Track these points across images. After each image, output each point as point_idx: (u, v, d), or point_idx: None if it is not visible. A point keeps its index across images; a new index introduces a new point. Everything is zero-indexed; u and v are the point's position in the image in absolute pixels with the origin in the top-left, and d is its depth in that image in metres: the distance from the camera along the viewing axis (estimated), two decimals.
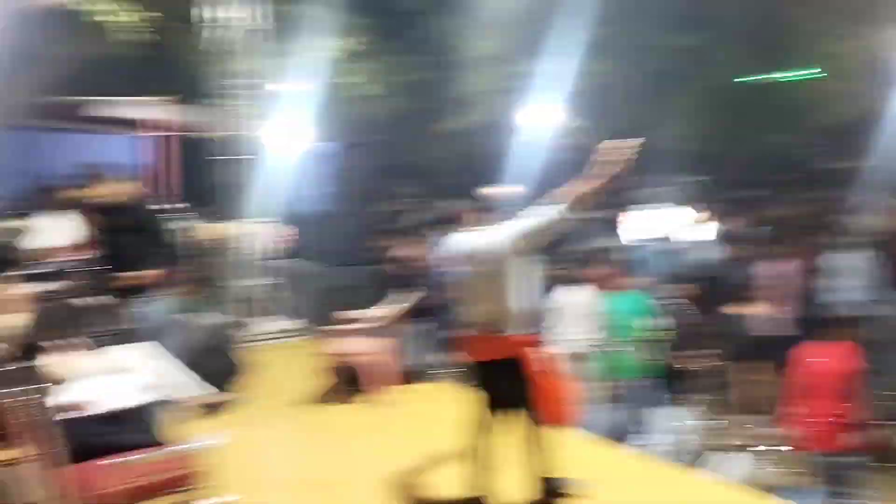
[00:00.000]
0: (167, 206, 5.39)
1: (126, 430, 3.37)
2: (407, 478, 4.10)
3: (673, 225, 8.09)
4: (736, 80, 11.91)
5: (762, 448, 5.25)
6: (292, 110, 8.87)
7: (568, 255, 6.15)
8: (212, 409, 4.97)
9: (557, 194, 3.46)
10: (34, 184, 12.00)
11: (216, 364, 5.52)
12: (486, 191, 3.82)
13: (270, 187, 7.80)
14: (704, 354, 5.82)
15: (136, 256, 5.15)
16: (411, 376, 5.93)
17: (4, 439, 3.39)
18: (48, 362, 3.88)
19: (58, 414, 3.45)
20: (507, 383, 3.54)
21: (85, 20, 8.46)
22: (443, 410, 5.40)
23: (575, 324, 5.48)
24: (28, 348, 3.88)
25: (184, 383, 4.82)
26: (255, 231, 7.71)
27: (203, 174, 9.72)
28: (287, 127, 8.61)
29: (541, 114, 11.03)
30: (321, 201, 8.49)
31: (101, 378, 4.26)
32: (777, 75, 11.96)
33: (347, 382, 5.71)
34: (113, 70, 9.84)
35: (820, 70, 11.44)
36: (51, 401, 3.52)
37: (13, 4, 8.40)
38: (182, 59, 9.62)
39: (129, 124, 11.39)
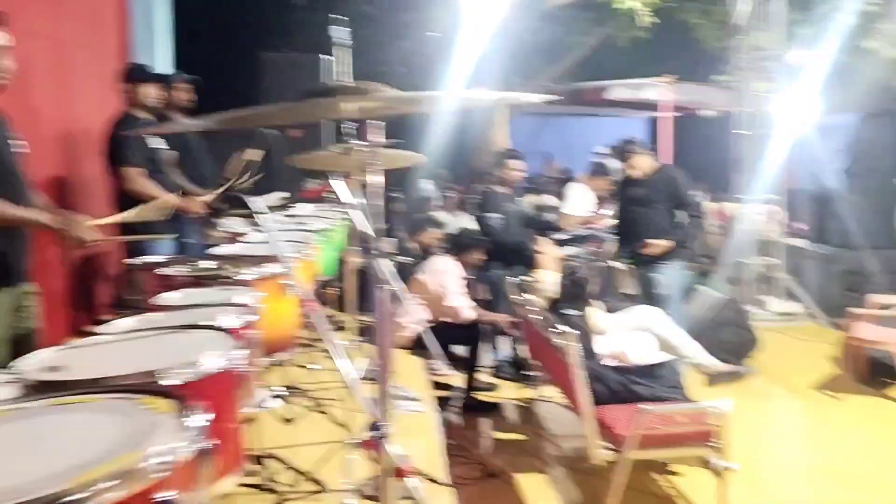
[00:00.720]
0: (679, 181, 5.58)
1: (655, 382, 3.67)
2: None
3: None
4: None
5: None
6: (802, 81, 8.30)
7: None
8: (717, 378, 5.06)
9: None
10: (551, 162, 13.72)
11: (721, 337, 5.60)
12: None
13: (777, 163, 7.46)
14: None
15: (650, 227, 5.46)
16: None
17: (552, 379, 4.02)
18: (584, 315, 4.45)
19: (597, 361, 3.96)
20: None
21: (610, 6, 9.16)
22: None
23: None
24: (568, 300, 4.51)
25: (692, 349, 5.02)
26: (761, 209, 7.48)
27: (707, 151, 9.78)
28: (797, 99, 8.09)
29: None
30: (833, 177, 7.78)
31: (626, 334, 4.74)
32: None
33: (869, 372, 5.22)
34: (623, 52, 10.54)
35: None
36: (591, 349, 4.05)
37: (537, 4, 9.59)
38: (694, 36, 9.78)
39: (636, 105, 12.11)
